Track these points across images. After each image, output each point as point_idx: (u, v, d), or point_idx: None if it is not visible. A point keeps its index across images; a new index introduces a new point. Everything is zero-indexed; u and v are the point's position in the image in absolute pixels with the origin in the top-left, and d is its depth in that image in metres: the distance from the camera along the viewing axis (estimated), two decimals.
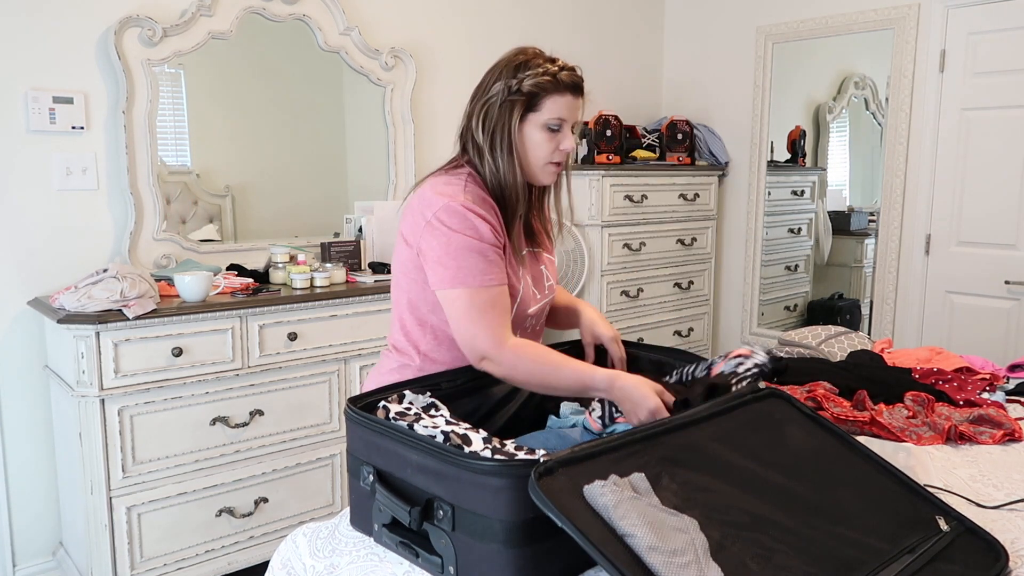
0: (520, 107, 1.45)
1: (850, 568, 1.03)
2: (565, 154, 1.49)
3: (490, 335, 1.38)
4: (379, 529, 1.18)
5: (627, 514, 0.95)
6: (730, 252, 4.19)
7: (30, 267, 2.50)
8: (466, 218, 1.40)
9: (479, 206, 1.43)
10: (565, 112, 1.46)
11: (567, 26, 3.87)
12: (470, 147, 1.51)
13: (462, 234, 1.40)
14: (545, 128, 1.46)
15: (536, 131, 1.46)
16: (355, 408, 1.24)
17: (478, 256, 1.40)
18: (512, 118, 1.45)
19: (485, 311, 1.39)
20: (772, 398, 1.35)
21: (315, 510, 2.69)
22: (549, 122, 1.46)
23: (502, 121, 1.46)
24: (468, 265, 1.39)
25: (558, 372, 1.38)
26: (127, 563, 2.31)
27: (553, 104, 1.45)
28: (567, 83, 1.45)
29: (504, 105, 1.45)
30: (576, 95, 1.47)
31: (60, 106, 2.50)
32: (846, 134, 4.07)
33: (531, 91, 1.44)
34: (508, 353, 1.38)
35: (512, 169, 1.47)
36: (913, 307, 3.53)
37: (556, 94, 1.45)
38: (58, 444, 2.53)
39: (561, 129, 1.47)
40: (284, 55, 3.00)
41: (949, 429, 1.68)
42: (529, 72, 1.44)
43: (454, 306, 1.41)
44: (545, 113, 1.45)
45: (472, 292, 1.39)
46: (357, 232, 3.08)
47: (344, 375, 2.70)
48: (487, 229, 1.41)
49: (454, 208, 1.41)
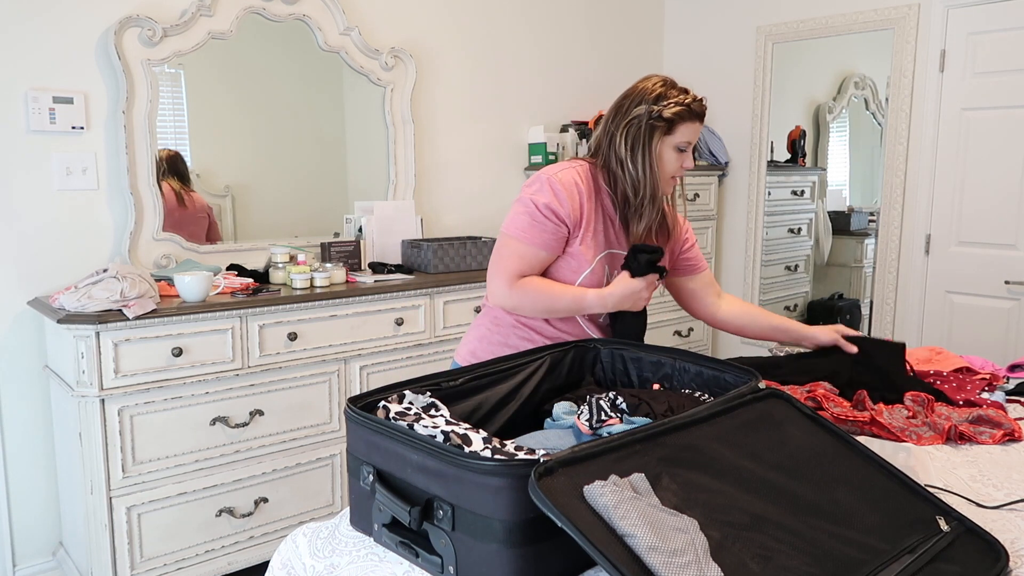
0: (661, 131, 1.71)
1: (850, 568, 1.03)
2: (685, 170, 1.76)
3: (504, 277, 1.69)
4: (379, 529, 1.18)
5: (627, 514, 0.95)
6: (730, 252, 4.19)
7: (30, 267, 2.51)
8: (542, 184, 1.69)
9: (565, 185, 1.69)
10: (692, 136, 1.73)
11: (567, 26, 3.87)
12: (611, 159, 1.74)
13: (528, 196, 1.70)
14: (676, 149, 1.73)
15: (668, 151, 1.73)
16: (355, 408, 1.24)
17: (527, 215, 1.68)
18: (654, 139, 1.71)
19: (509, 258, 1.69)
20: (772, 398, 1.35)
21: (315, 510, 2.69)
22: (679, 144, 1.72)
23: (643, 140, 1.71)
24: (516, 219, 1.69)
25: (556, 299, 1.68)
26: (127, 563, 2.31)
27: (686, 129, 1.72)
28: (698, 112, 1.73)
29: (647, 127, 1.70)
30: (702, 121, 1.75)
31: (60, 106, 2.50)
32: (846, 134, 4.07)
33: (671, 118, 1.70)
34: (515, 288, 1.69)
35: (651, 180, 1.73)
36: (913, 307, 3.53)
37: (689, 121, 1.71)
38: (58, 444, 2.53)
39: (686, 150, 1.74)
40: (284, 55, 3.00)
41: (949, 429, 1.68)
42: (669, 101, 1.70)
43: (498, 244, 1.74)
44: (678, 136, 1.72)
45: (508, 239, 1.70)
46: (357, 232, 3.09)
47: (344, 375, 2.70)
48: (549, 198, 1.67)
49: (540, 175, 1.72)
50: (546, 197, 1.68)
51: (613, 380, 1.66)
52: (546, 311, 1.71)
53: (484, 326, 1.85)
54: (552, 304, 1.69)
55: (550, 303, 1.69)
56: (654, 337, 3.84)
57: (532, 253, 1.69)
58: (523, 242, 1.68)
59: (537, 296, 1.68)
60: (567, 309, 1.70)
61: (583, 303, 1.69)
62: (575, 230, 1.72)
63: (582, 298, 1.69)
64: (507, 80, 3.68)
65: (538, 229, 1.68)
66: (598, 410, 1.41)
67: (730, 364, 1.50)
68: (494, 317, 1.83)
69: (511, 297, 1.69)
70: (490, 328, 1.83)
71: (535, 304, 1.69)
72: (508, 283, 1.69)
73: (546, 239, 1.68)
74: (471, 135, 3.58)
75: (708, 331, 4.18)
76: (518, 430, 1.51)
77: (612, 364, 1.66)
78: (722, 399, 1.29)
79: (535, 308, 1.70)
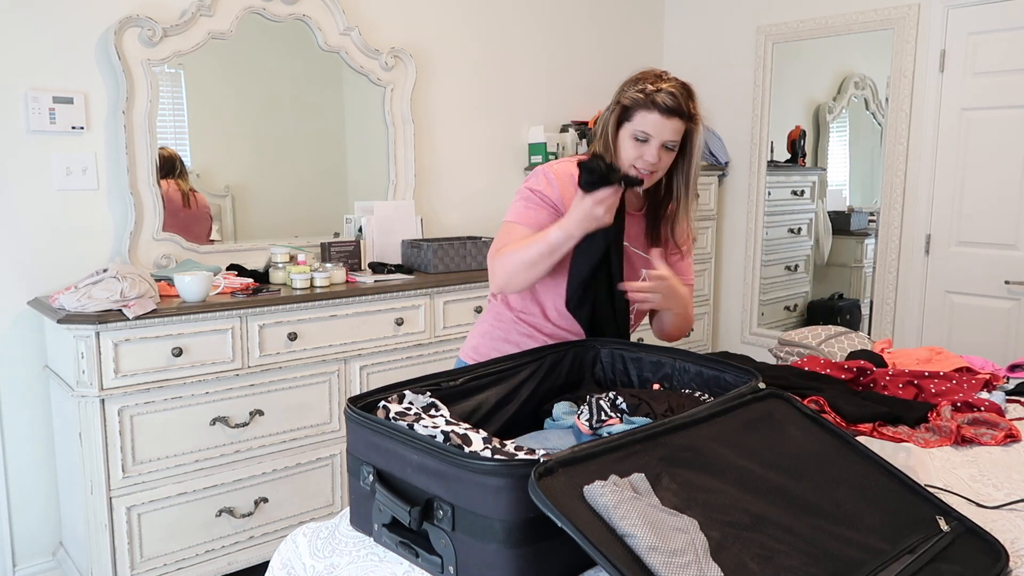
0: (617, 115, 1.69)
1: (850, 568, 1.03)
2: (648, 164, 1.66)
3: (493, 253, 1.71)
4: (379, 529, 1.18)
5: (627, 514, 0.95)
6: (730, 252, 4.19)
7: (30, 267, 2.50)
8: (538, 175, 1.75)
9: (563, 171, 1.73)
10: (651, 128, 1.64)
11: (567, 26, 3.87)
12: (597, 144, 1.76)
13: (527, 186, 1.75)
14: (633, 137, 1.66)
15: (626, 138, 1.68)
16: (355, 408, 1.24)
17: (523, 201, 1.73)
18: (610, 122, 1.70)
19: (500, 238, 1.72)
20: (772, 398, 1.35)
21: (315, 510, 2.69)
22: (635, 133, 1.66)
23: (606, 124, 1.72)
24: (517, 206, 1.74)
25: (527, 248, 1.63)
26: (127, 563, 2.31)
27: (642, 119, 1.65)
28: (658, 103, 1.63)
29: (611, 110, 1.71)
30: (667, 116, 1.63)
31: (60, 106, 2.50)
32: (846, 134, 4.07)
33: (626, 104, 1.67)
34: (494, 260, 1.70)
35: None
36: (913, 307, 3.53)
37: (644, 110, 1.64)
38: (58, 444, 2.53)
39: (648, 142, 1.65)
40: (284, 55, 3.00)
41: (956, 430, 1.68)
42: (634, 88, 1.67)
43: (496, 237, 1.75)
44: (635, 124, 1.66)
45: (507, 225, 1.73)
46: (357, 232, 3.08)
47: (344, 375, 2.70)
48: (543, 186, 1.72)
49: (538, 168, 1.78)
50: (539, 183, 1.73)
51: (613, 380, 1.66)
52: (524, 265, 1.63)
53: (487, 322, 1.86)
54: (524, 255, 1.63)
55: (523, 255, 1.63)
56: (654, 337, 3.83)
57: (523, 232, 1.70)
58: (518, 223, 1.71)
59: (511, 255, 1.65)
60: (539, 253, 1.62)
61: (549, 239, 1.61)
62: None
63: (547, 235, 1.62)
64: (507, 80, 3.68)
65: (533, 211, 1.71)
66: (598, 410, 1.41)
67: (730, 364, 1.50)
68: (497, 313, 1.84)
69: (493, 267, 1.69)
70: (492, 324, 1.84)
71: (512, 262, 1.65)
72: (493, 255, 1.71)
73: (539, 219, 1.69)
74: (471, 135, 3.58)
75: (708, 331, 4.18)
76: (518, 430, 1.51)
77: (612, 364, 1.66)
78: (722, 399, 1.29)
79: (514, 267, 1.65)
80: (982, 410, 1.79)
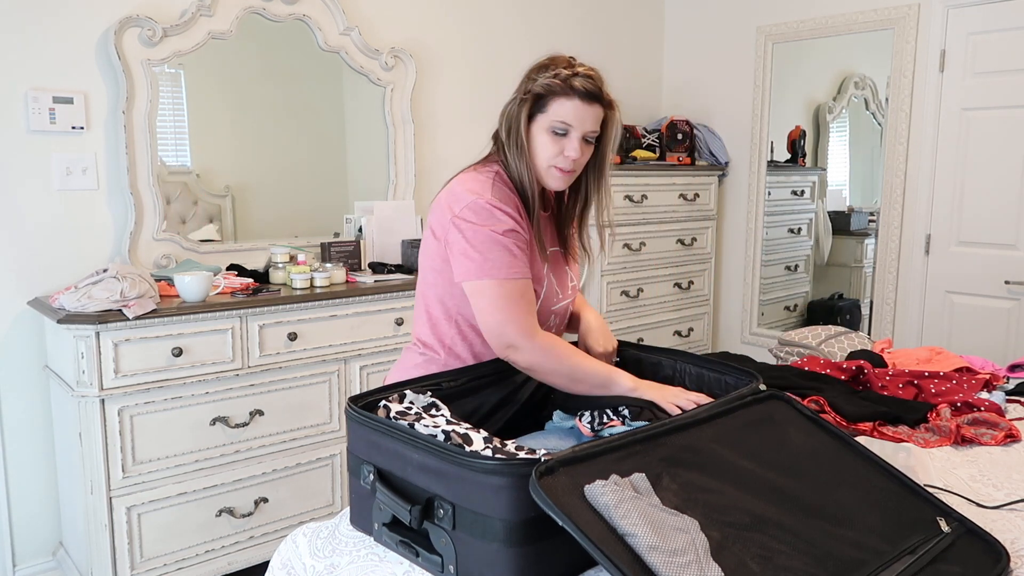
0: (528, 106, 1.47)
1: (851, 569, 1.03)
2: (570, 161, 1.47)
3: (519, 326, 1.41)
4: (379, 528, 1.18)
5: (628, 514, 0.95)
6: (730, 252, 4.19)
7: (30, 267, 2.50)
8: (491, 213, 1.43)
9: (504, 203, 1.46)
10: (571, 117, 1.45)
11: (567, 26, 3.87)
12: (499, 144, 1.54)
13: (488, 228, 1.42)
14: (550, 132, 1.46)
15: (541, 133, 1.47)
16: (356, 407, 1.24)
17: (503, 249, 1.42)
18: (521, 116, 1.48)
19: (513, 301, 1.42)
20: (773, 399, 1.35)
21: (315, 510, 2.69)
22: (554, 125, 1.46)
23: (514, 118, 1.49)
24: (494, 257, 1.42)
25: (584, 367, 1.42)
26: (127, 563, 2.31)
27: (559, 107, 1.45)
28: (576, 88, 1.44)
29: (519, 103, 1.48)
30: (587, 102, 1.45)
31: (60, 106, 2.50)
32: (846, 134, 4.07)
33: (539, 92, 1.46)
34: (537, 345, 1.41)
35: (523, 167, 1.49)
36: (913, 307, 3.53)
37: (563, 97, 1.45)
38: (58, 444, 2.53)
39: (568, 135, 1.46)
40: (284, 55, 3.00)
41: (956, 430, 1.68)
42: (544, 74, 1.46)
43: (482, 297, 1.43)
44: (550, 115, 1.46)
45: (499, 283, 1.42)
46: (357, 232, 3.08)
47: (344, 375, 2.69)
48: (511, 224, 1.44)
49: (479, 204, 1.44)
50: (508, 221, 1.44)
51: None
52: (568, 378, 1.42)
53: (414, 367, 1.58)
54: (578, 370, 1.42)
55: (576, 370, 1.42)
56: (654, 337, 3.84)
57: (528, 288, 1.45)
58: (516, 279, 1.42)
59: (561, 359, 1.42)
60: (592, 382, 1.42)
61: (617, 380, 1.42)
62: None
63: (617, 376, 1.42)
64: (507, 80, 3.65)
65: (520, 260, 1.44)
66: (600, 412, 1.41)
67: (731, 365, 1.50)
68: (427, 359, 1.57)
69: (533, 352, 1.42)
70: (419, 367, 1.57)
71: (558, 365, 1.42)
72: (528, 335, 1.41)
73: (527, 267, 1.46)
74: (471, 135, 3.58)
75: (708, 331, 4.18)
76: (518, 431, 1.51)
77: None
78: (723, 400, 1.29)
79: (557, 369, 1.42)
80: (982, 410, 1.79)
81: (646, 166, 3.77)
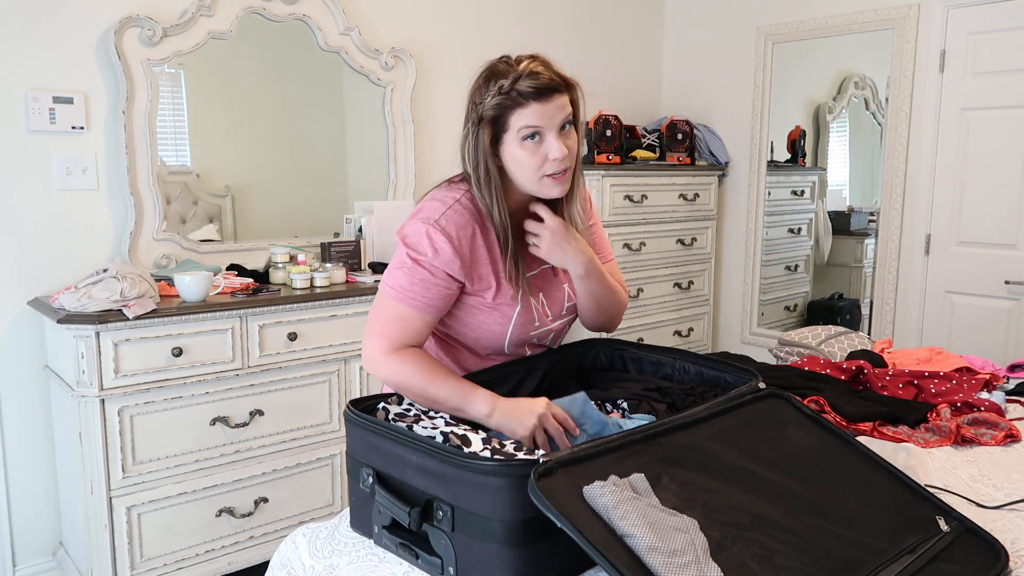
0: (487, 132, 1.38)
1: (850, 568, 1.03)
2: (559, 162, 1.37)
3: (382, 343, 1.38)
4: (379, 531, 1.18)
5: (627, 514, 0.95)
6: (730, 252, 4.19)
7: (30, 267, 2.50)
8: (420, 238, 1.38)
9: (453, 229, 1.39)
10: (536, 119, 1.34)
11: (567, 26, 3.87)
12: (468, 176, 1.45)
13: (408, 251, 1.40)
14: (521, 141, 1.36)
15: (514, 148, 1.37)
16: (355, 410, 1.24)
17: (408, 275, 1.38)
18: (482, 146, 1.39)
19: (389, 322, 1.39)
20: (772, 398, 1.35)
21: (315, 510, 2.69)
22: (522, 132, 1.35)
23: (478, 151, 1.39)
24: (396, 278, 1.40)
25: (436, 383, 1.33)
26: (127, 563, 2.31)
27: (517, 119, 1.35)
28: (526, 92, 1.34)
29: (476, 136, 1.39)
30: (544, 99, 1.34)
31: (60, 106, 2.50)
32: (846, 134, 4.06)
33: (492, 115, 1.37)
34: (393, 359, 1.37)
35: (492, 201, 1.41)
36: (913, 307, 3.53)
37: (518, 108, 1.35)
38: (58, 444, 2.53)
39: (542, 137, 1.36)
40: (284, 55, 3.00)
41: (956, 429, 1.68)
42: (488, 94, 1.37)
43: (376, 303, 1.43)
44: (513, 129, 1.36)
45: (386, 301, 1.40)
46: (357, 232, 3.08)
47: (344, 375, 2.69)
48: (430, 256, 1.38)
49: (417, 228, 1.40)
50: (430, 251, 1.37)
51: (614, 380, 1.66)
52: (420, 394, 1.34)
53: None
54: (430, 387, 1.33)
55: (428, 387, 1.33)
56: (654, 337, 3.84)
57: (415, 317, 1.39)
58: (403, 303, 1.38)
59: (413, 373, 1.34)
60: (445, 400, 1.33)
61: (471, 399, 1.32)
62: (475, 283, 1.43)
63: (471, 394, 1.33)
64: None
65: (420, 288, 1.38)
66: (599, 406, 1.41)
67: (730, 364, 1.50)
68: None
69: (387, 367, 1.36)
70: None
71: (410, 380, 1.34)
72: (385, 352, 1.37)
73: (429, 299, 1.39)
74: None
75: (708, 331, 4.18)
76: None
77: (612, 364, 1.66)
78: (722, 399, 1.29)
79: (409, 385, 1.34)
80: (982, 410, 1.79)
81: (646, 166, 3.77)
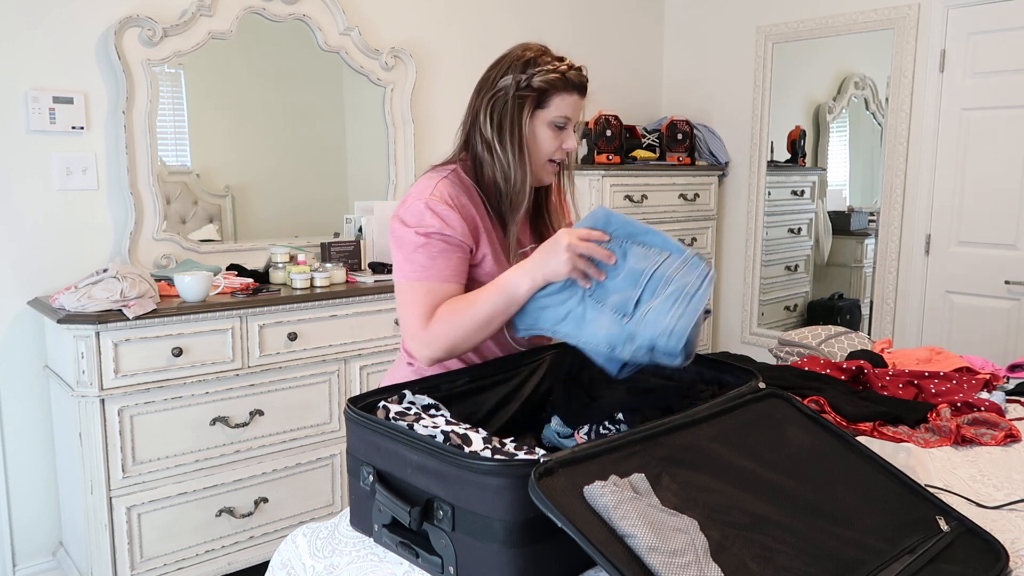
0: (531, 103, 1.46)
1: (850, 568, 1.03)
2: (565, 153, 1.52)
3: (418, 323, 1.41)
4: (379, 530, 1.18)
5: (627, 514, 0.95)
6: (730, 252, 4.19)
7: (30, 267, 2.50)
8: (421, 214, 1.43)
9: (448, 201, 1.44)
10: (571, 111, 1.48)
11: (567, 26, 3.87)
12: (477, 141, 1.51)
13: (413, 230, 1.43)
14: (552, 126, 1.48)
15: (543, 128, 1.48)
16: (355, 408, 1.24)
17: (424, 252, 1.42)
18: (523, 113, 1.46)
19: (417, 304, 1.42)
20: (772, 398, 1.35)
21: (315, 510, 2.69)
22: (556, 120, 1.48)
23: (512, 115, 1.46)
24: (412, 261, 1.43)
25: (475, 306, 1.37)
26: (127, 563, 2.31)
27: (561, 102, 1.47)
28: (575, 82, 1.48)
29: (514, 100, 1.46)
30: (582, 95, 1.50)
31: (60, 106, 2.50)
32: (846, 134, 4.06)
33: (541, 87, 1.45)
34: (430, 326, 1.40)
35: (521, 164, 1.48)
36: (913, 307, 3.53)
37: (565, 92, 1.47)
38: (58, 444, 2.53)
39: (565, 128, 1.49)
40: (284, 55, 3.00)
41: (956, 430, 1.68)
42: (540, 69, 1.45)
43: (399, 297, 1.46)
44: (552, 111, 1.47)
45: (406, 288, 1.43)
46: (357, 232, 3.08)
47: (344, 375, 2.69)
48: (437, 226, 1.42)
49: (414, 206, 1.44)
50: (435, 222, 1.42)
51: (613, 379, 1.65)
52: (476, 326, 1.38)
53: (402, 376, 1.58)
54: (475, 313, 1.37)
55: (473, 314, 1.37)
56: None
57: (440, 289, 1.42)
58: (426, 280, 1.42)
59: (455, 318, 1.38)
60: (493, 312, 1.37)
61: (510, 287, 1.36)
62: (477, 250, 1.48)
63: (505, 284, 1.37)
64: None
65: (442, 260, 1.42)
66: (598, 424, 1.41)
67: (730, 364, 1.50)
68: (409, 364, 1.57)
69: (429, 334, 1.40)
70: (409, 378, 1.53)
71: (461, 325, 1.38)
72: (422, 324, 1.41)
73: (453, 267, 1.43)
74: None
75: (708, 331, 4.18)
76: (518, 430, 1.50)
77: None
78: (722, 399, 1.29)
79: (464, 331, 1.38)
80: (982, 410, 1.79)
81: (646, 166, 3.77)
